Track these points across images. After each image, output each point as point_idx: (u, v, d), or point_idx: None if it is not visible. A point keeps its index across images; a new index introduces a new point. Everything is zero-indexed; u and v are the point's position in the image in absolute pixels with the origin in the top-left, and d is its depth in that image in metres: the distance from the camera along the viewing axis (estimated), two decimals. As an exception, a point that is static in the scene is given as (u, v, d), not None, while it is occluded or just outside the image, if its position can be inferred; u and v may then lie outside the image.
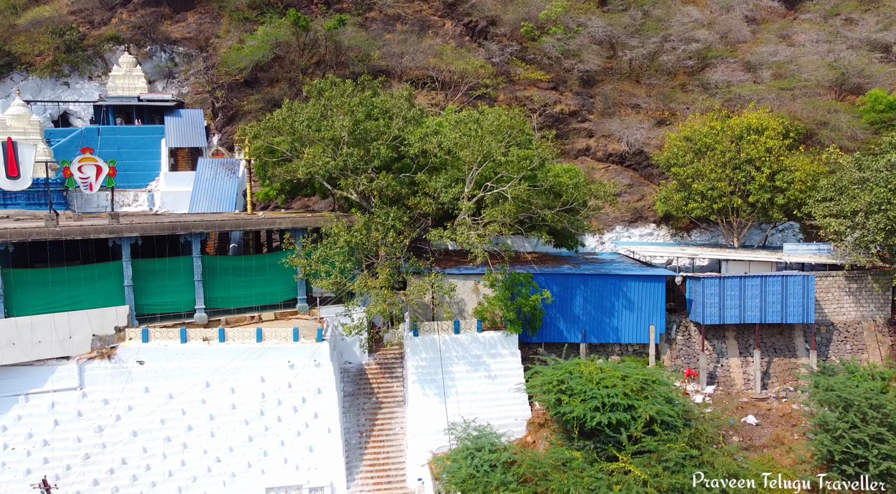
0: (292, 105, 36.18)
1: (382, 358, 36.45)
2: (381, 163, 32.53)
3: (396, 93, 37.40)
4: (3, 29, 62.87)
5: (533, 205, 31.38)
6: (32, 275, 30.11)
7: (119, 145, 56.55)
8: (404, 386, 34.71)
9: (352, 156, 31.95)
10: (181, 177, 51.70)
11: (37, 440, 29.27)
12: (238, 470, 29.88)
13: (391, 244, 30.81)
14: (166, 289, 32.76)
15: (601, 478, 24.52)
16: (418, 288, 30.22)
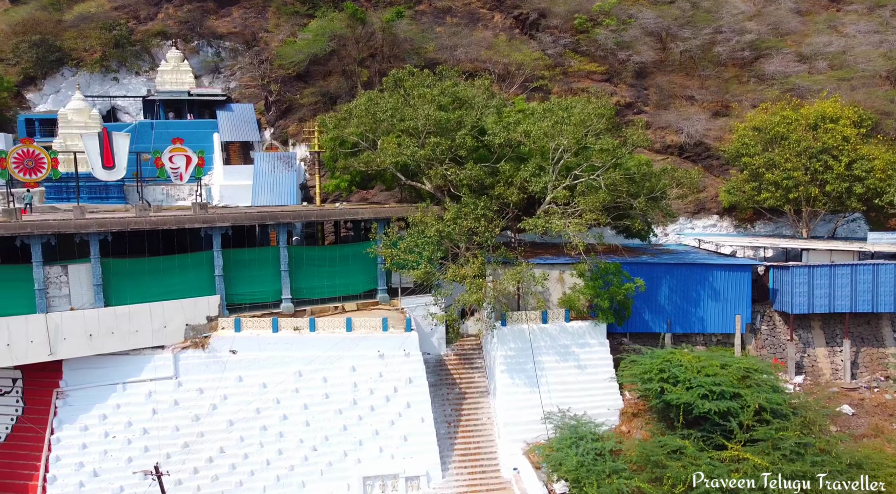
0: (372, 95, 36.08)
1: (460, 349, 36.41)
2: (467, 152, 32.42)
3: (477, 83, 37.31)
4: (52, 24, 63.22)
5: (624, 193, 31.22)
6: (130, 265, 30.19)
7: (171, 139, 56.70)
8: (487, 376, 34.66)
9: (439, 145, 31.87)
10: (239, 171, 51.72)
11: (136, 428, 29.39)
12: (334, 459, 29.90)
13: (482, 233, 30.71)
14: (254, 279, 32.79)
15: (718, 466, 24.36)
16: (511, 276, 30.11)
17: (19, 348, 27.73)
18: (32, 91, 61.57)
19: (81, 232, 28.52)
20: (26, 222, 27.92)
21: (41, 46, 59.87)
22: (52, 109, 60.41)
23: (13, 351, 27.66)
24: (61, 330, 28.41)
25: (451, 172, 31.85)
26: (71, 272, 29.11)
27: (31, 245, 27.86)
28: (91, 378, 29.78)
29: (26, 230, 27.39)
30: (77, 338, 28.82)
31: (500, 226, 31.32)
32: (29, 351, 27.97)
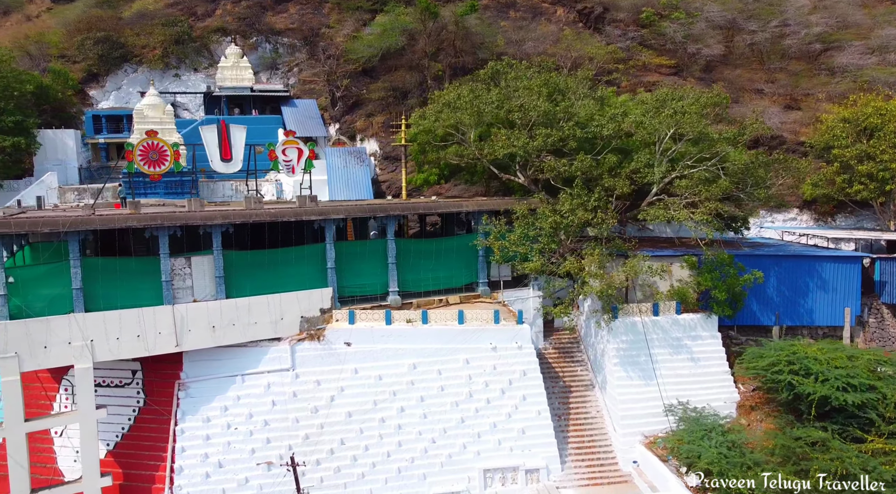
0: (475, 87, 35.91)
1: (557, 343, 36.23)
2: (577, 143, 32.24)
3: (580, 74, 37.12)
4: (112, 22, 63.60)
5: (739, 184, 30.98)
6: (249, 257, 30.23)
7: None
8: (589, 369, 34.48)
9: (550, 136, 31.72)
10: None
11: (257, 420, 29.44)
12: (454, 452, 29.80)
13: (599, 224, 30.52)
14: (362, 272, 32.76)
15: (868, 458, 24.08)
16: (629, 268, 29.90)
17: (149, 339, 27.85)
18: (95, 88, 61.97)
19: (207, 223, 28.59)
20: (157, 213, 28.02)
21: (105, 43, 60.23)
22: (115, 106, 60.82)
23: (144, 342, 27.77)
24: (186, 321, 28.51)
25: (562, 164, 31.67)
26: (194, 264, 29.20)
27: (159, 236, 27.95)
28: (210, 369, 29.88)
29: (156, 222, 27.48)
30: (201, 330, 28.91)
31: (615, 218, 31.11)
32: (157, 342, 28.08)
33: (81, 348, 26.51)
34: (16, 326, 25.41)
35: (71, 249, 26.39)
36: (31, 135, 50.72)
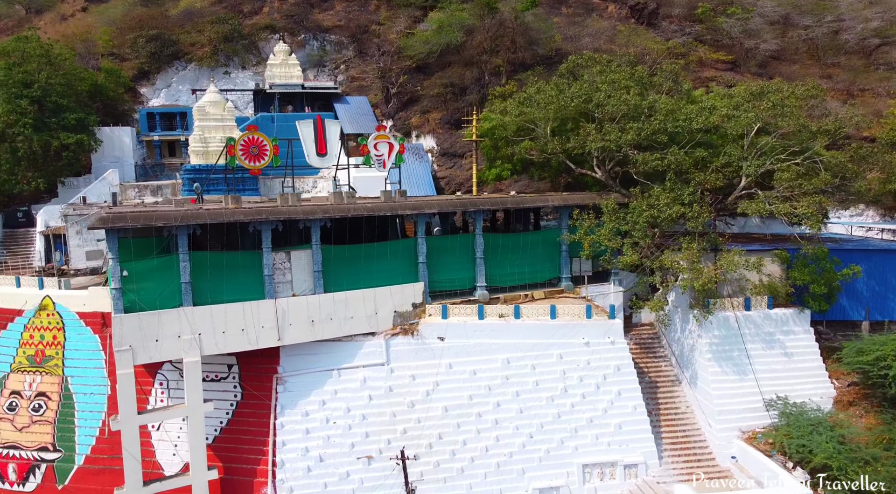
0: (558, 82, 35.76)
1: (638, 338, 36.01)
2: (668, 137, 32.07)
3: (667, 67, 36.93)
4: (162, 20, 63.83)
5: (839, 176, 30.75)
6: (347, 251, 30.21)
7: (291, 132, 56.87)
8: (673, 365, 34.28)
9: (643, 130, 31.56)
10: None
11: (355, 415, 29.44)
12: (552, 447, 29.68)
13: (695, 218, 30.32)
14: (450, 266, 32.72)
15: None
16: (728, 263, 29.68)
17: (253, 333, 27.89)
18: (145, 86, 62.24)
19: (309, 218, 28.58)
20: (262, 207, 28.05)
21: (156, 41, 60.42)
22: (166, 103, 61.09)
23: (247, 336, 27.83)
24: (288, 315, 28.55)
25: (654, 157, 31.48)
26: (293, 258, 29.20)
27: (262, 231, 27.96)
28: (307, 363, 29.92)
29: (262, 216, 27.49)
30: (301, 324, 28.95)
31: (709, 212, 30.91)
32: (261, 336, 28.14)
33: (190, 341, 26.59)
34: (130, 320, 25.53)
35: (180, 243, 26.45)
36: (92, 133, 50.98)
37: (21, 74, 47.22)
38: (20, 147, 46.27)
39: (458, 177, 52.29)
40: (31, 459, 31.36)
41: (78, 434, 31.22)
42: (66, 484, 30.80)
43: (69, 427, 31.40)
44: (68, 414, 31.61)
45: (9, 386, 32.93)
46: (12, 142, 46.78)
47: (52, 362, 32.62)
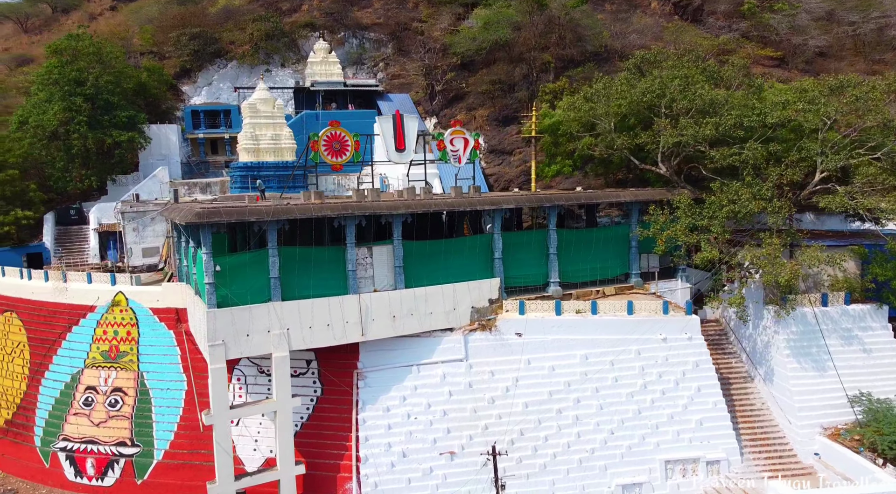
0: (627, 77, 35.63)
1: (705, 335, 35.64)
2: (745, 132, 31.89)
3: (737, 62, 36.78)
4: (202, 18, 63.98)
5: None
6: (424, 247, 30.17)
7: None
8: (745, 361, 34.08)
9: (720, 125, 31.41)
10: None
11: (436, 410, 29.40)
12: (633, 443, 29.55)
13: (775, 213, 30.14)
14: (523, 262, 32.64)
15: None
16: (809, 258, 29.46)
17: (338, 328, 27.89)
18: (187, 83, 62.39)
19: (392, 213, 28.56)
20: (347, 203, 28.04)
21: (199, 39, 60.54)
22: (207, 101, 61.19)
23: (332, 331, 27.83)
24: (370, 310, 28.53)
25: (731, 152, 31.30)
26: (375, 253, 29.18)
27: (346, 226, 27.95)
28: (386, 359, 29.90)
29: (348, 211, 27.47)
30: (383, 319, 28.93)
31: (789, 207, 30.71)
32: (345, 331, 28.14)
33: (279, 336, 26.60)
34: (224, 314, 25.55)
35: (269, 238, 26.45)
36: (142, 131, 51.17)
37: (74, 72, 47.42)
38: (74, 145, 46.46)
39: (507, 173, 52.21)
40: (110, 454, 31.50)
41: (156, 429, 31.34)
42: (145, 479, 30.93)
43: (147, 423, 31.53)
44: (145, 410, 31.73)
45: (83, 382, 33.11)
46: (66, 139, 46.99)
47: (127, 357, 32.75)
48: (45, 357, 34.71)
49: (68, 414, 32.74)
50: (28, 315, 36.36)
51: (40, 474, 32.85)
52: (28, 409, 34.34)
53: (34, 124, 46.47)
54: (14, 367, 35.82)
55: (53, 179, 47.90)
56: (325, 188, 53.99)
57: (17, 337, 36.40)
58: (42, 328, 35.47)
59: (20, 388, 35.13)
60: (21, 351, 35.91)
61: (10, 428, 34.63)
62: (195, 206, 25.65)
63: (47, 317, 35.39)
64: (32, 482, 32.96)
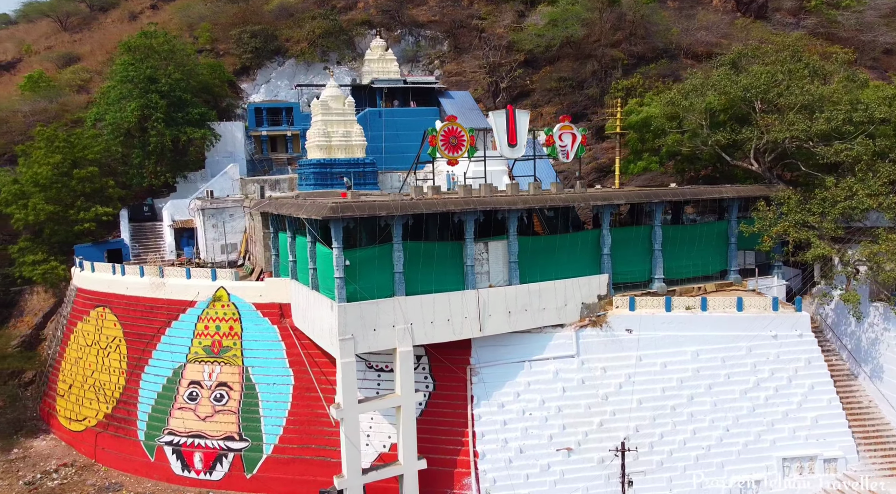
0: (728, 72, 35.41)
1: (799, 332, 35.54)
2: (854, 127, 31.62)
3: (841, 57, 36.52)
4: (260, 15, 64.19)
5: None
6: (535, 242, 30.12)
7: (397, 127, 57.06)
8: (846, 359, 33.74)
9: (832, 120, 31.17)
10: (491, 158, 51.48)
11: (550, 407, 29.31)
12: (748, 441, 29.32)
13: (891, 208, 29.85)
14: (627, 258, 32.47)
15: None
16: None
17: (457, 323, 27.86)
18: (245, 81, 62.58)
19: (511, 208, 28.48)
20: (469, 198, 28.01)
21: (260, 36, 60.74)
22: (266, 99, 61.37)
23: (452, 326, 27.80)
24: (487, 306, 28.47)
25: (842, 147, 31.04)
26: (491, 249, 29.11)
27: (466, 221, 27.88)
28: (498, 355, 29.83)
29: (470, 206, 27.42)
30: (499, 315, 28.87)
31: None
32: (464, 326, 28.10)
33: (403, 331, 26.60)
34: (353, 309, 25.57)
35: (395, 233, 26.44)
36: (211, 128, 51.42)
37: (149, 70, 47.68)
38: (151, 141, 46.73)
39: (574, 170, 52.06)
40: (217, 448, 31.63)
41: (264, 423, 31.43)
42: (254, 473, 31.03)
43: (254, 417, 31.63)
44: (252, 404, 31.83)
45: (186, 376, 33.26)
46: (142, 136, 47.29)
47: (231, 352, 32.86)
48: (144, 352, 34.91)
49: (173, 409, 32.89)
50: (123, 310, 36.60)
51: (144, 468, 33.04)
52: (129, 404, 34.54)
53: (111, 121, 46.79)
54: (111, 362, 36.05)
55: (128, 176, 48.23)
56: (390, 185, 54.17)
57: (112, 333, 36.63)
58: (139, 323, 35.69)
59: (118, 383, 35.36)
60: (117, 346, 36.13)
61: (110, 422, 34.84)
62: (325, 201, 25.66)
63: (144, 313, 35.61)
64: (136, 475, 33.14)
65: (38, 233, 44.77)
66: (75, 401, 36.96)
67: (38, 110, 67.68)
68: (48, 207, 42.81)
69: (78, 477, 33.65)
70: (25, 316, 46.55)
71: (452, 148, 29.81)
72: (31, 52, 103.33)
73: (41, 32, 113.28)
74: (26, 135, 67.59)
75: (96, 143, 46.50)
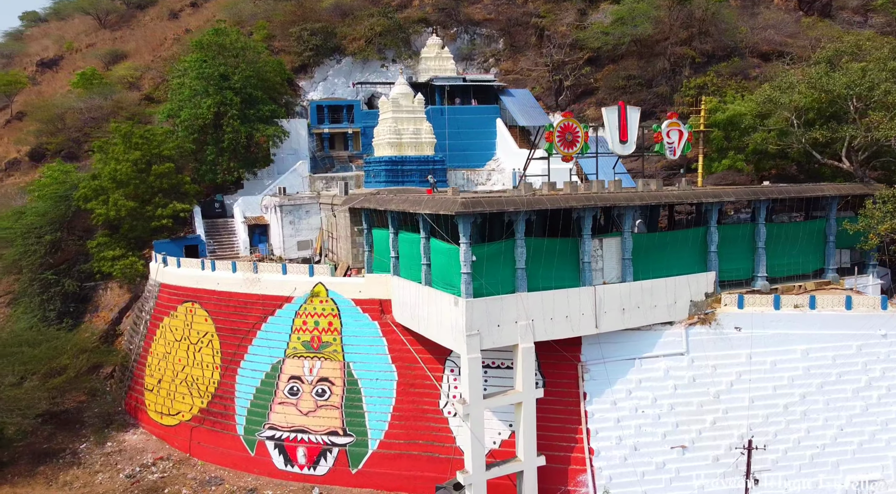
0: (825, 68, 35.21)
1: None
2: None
3: None
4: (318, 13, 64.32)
5: None
6: (653, 239, 30.02)
7: (459, 125, 57.15)
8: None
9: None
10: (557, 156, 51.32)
11: (662, 404, 29.21)
12: (863, 440, 29.08)
13: None
14: (732, 256, 32.30)
15: None
16: None
17: (575, 320, 27.82)
18: (303, 79, 62.71)
19: (629, 204, 28.40)
20: (590, 194, 27.93)
21: (319, 34, 60.87)
22: (324, 97, 61.47)
23: (570, 323, 27.75)
24: (603, 303, 28.39)
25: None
26: (605, 246, 29.03)
27: (584, 218, 27.81)
28: (608, 352, 29.73)
29: (591, 202, 27.35)
30: (613, 312, 28.79)
31: None
32: (581, 323, 28.04)
33: (525, 327, 26.57)
34: (479, 305, 25.56)
35: (518, 229, 26.39)
36: (279, 125, 51.62)
37: (222, 67, 47.93)
38: (226, 138, 46.97)
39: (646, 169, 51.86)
40: (321, 443, 31.74)
41: (368, 418, 31.50)
42: (359, 469, 31.12)
43: (358, 412, 31.71)
44: (355, 399, 31.92)
45: (286, 371, 33.39)
46: (216, 133, 47.54)
47: (331, 348, 32.95)
48: (239, 347, 35.08)
49: (273, 403, 33.03)
50: (214, 305, 36.77)
51: (244, 462, 33.19)
52: (225, 398, 34.71)
53: (185, 118, 47.04)
54: (203, 357, 36.24)
55: (199, 172, 48.48)
56: (454, 182, 54.24)
57: (203, 328, 36.83)
58: (233, 318, 35.85)
59: (213, 378, 35.54)
60: (209, 341, 36.33)
61: (206, 417, 35.03)
62: (454, 198, 25.62)
63: (238, 308, 35.77)
64: (236, 470, 33.30)
65: (114, 228, 45.12)
66: (166, 396, 37.18)
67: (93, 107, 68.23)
68: (129, 203, 43.11)
69: (177, 471, 33.86)
70: (101, 311, 46.91)
71: (568, 144, 29.74)
72: (73, 49, 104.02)
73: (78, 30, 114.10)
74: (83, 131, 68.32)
75: (170, 140, 46.75)
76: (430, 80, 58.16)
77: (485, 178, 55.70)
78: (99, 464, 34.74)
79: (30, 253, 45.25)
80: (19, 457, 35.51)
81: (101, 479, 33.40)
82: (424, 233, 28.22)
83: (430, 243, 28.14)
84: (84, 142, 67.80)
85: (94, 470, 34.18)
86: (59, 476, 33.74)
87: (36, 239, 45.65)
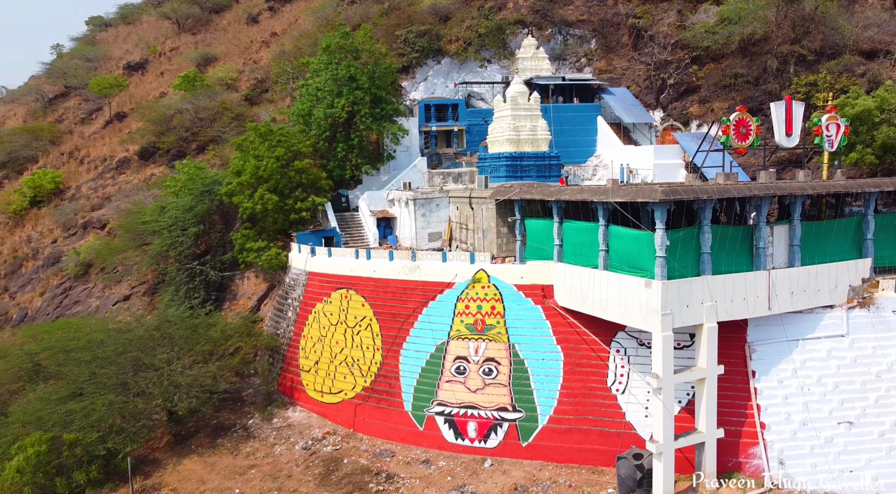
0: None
1: None
2: None
3: None
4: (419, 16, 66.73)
5: None
6: (816, 227, 31.72)
7: (562, 123, 59.15)
8: None
9: None
10: (666, 151, 53.10)
11: (826, 383, 30.81)
12: None
13: None
14: (885, 244, 33.76)
15: None
16: None
17: (751, 302, 29.65)
18: (405, 79, 65.13)
19: (801, 194, 30.16)
20: (769, 184, 29.76)
21: (425, 37, 63.25)
22: (426, 96, 63.78)
23: (747, 305, 29.60)
24: (775, 286, 30.16)
25: None
26: (776, 233, 30.80)
27: (761, 206, 29.63)
28: (771, 334, 31.44)
29: (770, 191, 29.18)
30: (783, 295, 30.54)
31: None
32: (756, 305, 29.86)
33: (710, 308, 28.48)
34: (672, 286, 27.54)
35: (704, 216, 28.32)
36: (400, 124, 54.13)
37: (352, 68, 50.58)
38: (357, 136, 49.60)
39: (752, 164, 53.26)
40: (491, 418, 33.95)
41: (537, 396, 33.62)
42: (530, 442, 33.25)
43: (526, 390, 33.86)
44: (522, 378, 34.07)
45: (451, 352, 35.70)
46: (346, 131, 50.22)
47: (495, 330, 35.17)
48: (401, 330, 37.49)
49: (440, 381, 35.37)
50: (371, 292, 39.27)
51: (413, 436, 35.55)
52: (389, 377, 37.15)
53: (319, 116, 49.81)
54: (363, 339, 38.75)
55: (329, 168, 51.22)
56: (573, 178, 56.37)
57: (360, 312, 39.35)
58: (391, 303, 38.29)
59: (374, 359, 38.01)
60: (368, 325, 38.82)
61: (370, 395, 37.48)
62: (654, 187, 27.67)
63: (397, 294, 38.20)
64: (404, 443, 35.66)
65: (254, 221, 48.02)
66: (325, 376, 39.78)
67: (200, 108, 71.71)
68: (273, 197, 45.91)
69: (347, 444, 36.39)
70: (239, 299, 49.91)
71: (742, 137, 31.56)
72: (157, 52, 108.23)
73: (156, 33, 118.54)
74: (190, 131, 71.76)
75: (306, 138, 49.55)
76: (530, 79, 60.17)
77: (590, 174, 57.63)
78: (273, 438, 37.44)
79: (177, 245, 48.35)
80: (196, 432, 38.39)
81: (280, 450, 36.07)
82: (604, 220, 30.31)
83: (609, 230, 30.22)
84: (192, 141, 71.38)
85: (271, 443, 36.88)
86: (240, 448, 36.50)
87: (181, 231, 48.72)
